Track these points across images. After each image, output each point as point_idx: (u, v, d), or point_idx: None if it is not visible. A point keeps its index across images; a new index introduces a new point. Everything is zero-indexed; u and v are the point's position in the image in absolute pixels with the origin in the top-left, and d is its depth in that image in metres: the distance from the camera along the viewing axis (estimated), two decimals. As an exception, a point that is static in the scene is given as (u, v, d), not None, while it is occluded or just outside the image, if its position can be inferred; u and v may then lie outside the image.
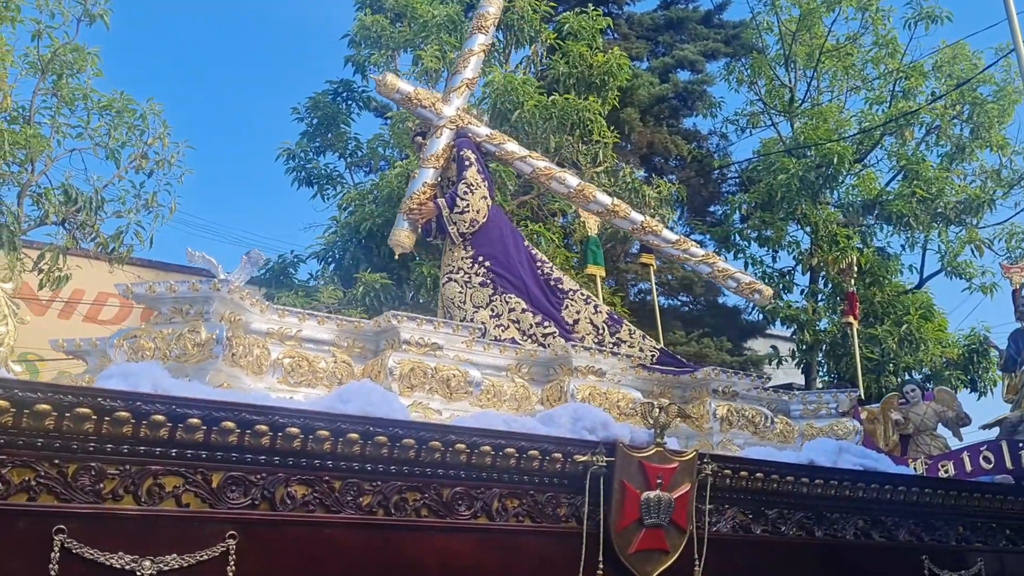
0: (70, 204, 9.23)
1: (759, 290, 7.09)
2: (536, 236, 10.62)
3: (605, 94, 12.02)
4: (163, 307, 3.84)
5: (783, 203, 13.78)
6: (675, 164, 17.37)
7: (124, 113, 9.71)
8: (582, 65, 11.93)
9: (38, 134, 9.16)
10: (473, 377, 4.37)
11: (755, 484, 4.85)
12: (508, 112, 10.70)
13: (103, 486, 2.96)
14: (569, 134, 11.18)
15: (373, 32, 11.59)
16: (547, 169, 6.37)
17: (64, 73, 9.56)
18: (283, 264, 11.67)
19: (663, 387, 5.64)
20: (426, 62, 11.10)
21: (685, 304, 17.54)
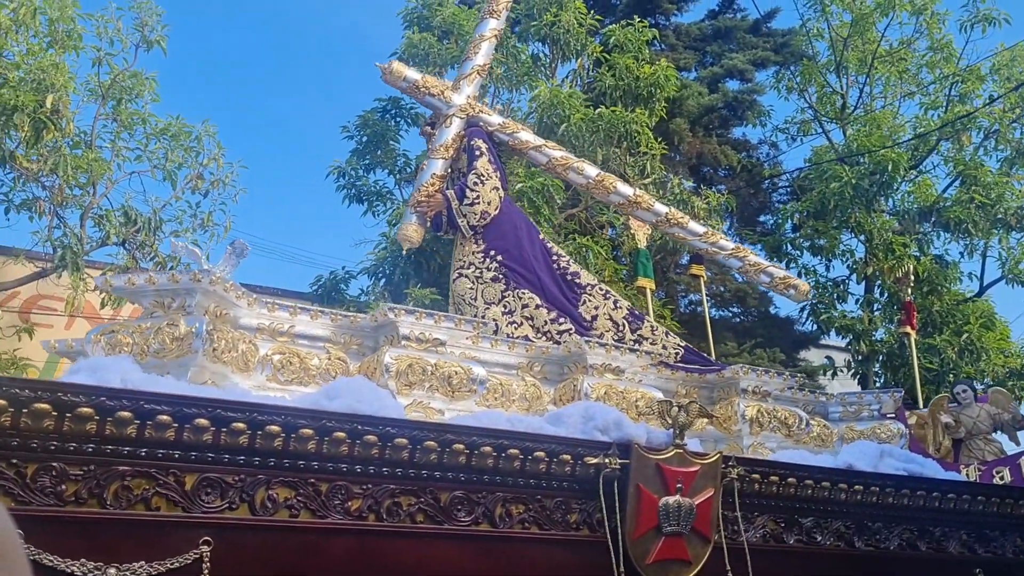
0: (130, 225, 9.74)
1: (794, 285, 6.81)
2: (584, 249, 10.64)
3: (652, 105, 12.10)
4: (145, 301, 3.70)
5: (836, 211, 13.64)
6: (725, 174, 17.36)
7: (180, 136, 10.26)
8: (629, 77, 12.04)
9: (99, 158, 9.65)
10: (477, 375, 4.17)
11: (787, 490, 4.58)
12: (555, 126, 10.82)
13: (65, 488, 2.81)
14: (616, 146, 11.28)
15: (421, 49, 11.76)
16: (563, 159, 6.17)
17: (123, 98, 10.06)
18: (335, 280, 11.88)
19: (688, 386, 5.39)
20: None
21: (737, 315, 17.50)
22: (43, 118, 8.55)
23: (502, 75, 11.71)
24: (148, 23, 10.17)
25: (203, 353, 3.46)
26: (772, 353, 15.69)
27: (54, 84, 8.62)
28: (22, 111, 8.40)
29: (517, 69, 11.87)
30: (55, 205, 9.57)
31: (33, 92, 8.47)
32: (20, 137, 8.70)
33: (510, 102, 12.34)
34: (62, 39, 9.47)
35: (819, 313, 14.17)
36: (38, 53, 9.04)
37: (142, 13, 10.16)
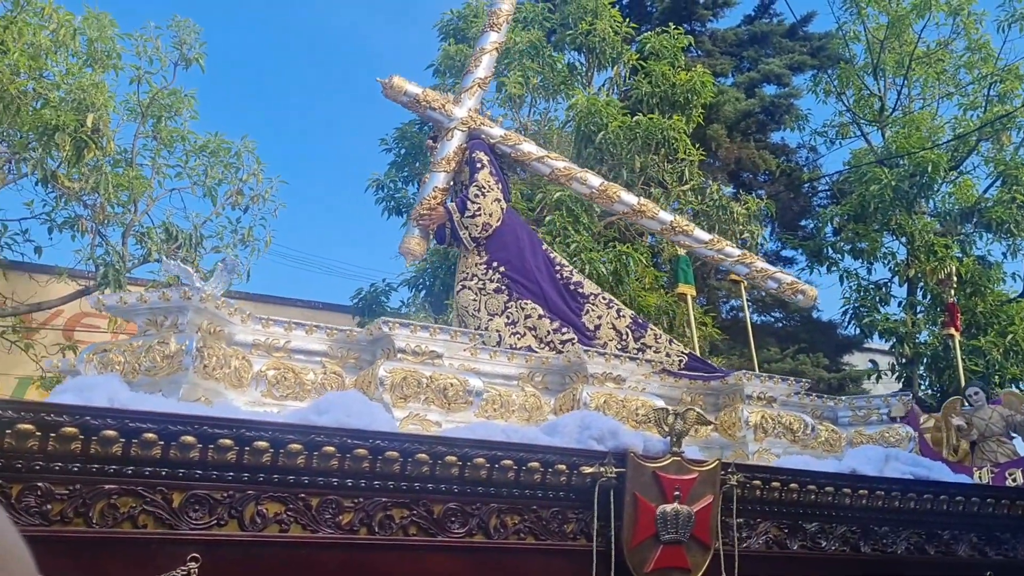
0: (171, 241, 9.90)
1: (802, 291, 6.71)
2: (624, 257, 10.62)
3: (689, 112, 12.14)
4: (138, 319, 3.71)
5: (877, 214, 13.55)
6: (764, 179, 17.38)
7: (219, 152, 10.41)
8: (665, 84, 12.09)
9: (140, 176, 9.83)
10: (473, 386, 4.14)
11: (789, 496, 4.50)
12: (592, 134, 10.88)
13: (51, 508, 2.80)
14: (654, 153, 11.29)
15: (457, 61, 11.82)
16: (566, 169, 6.13)
17: (163, 116, 10.21)
18: (375, 293, 12.00)
19: (692, 393, 5.33)
20: (509, 88, 11.39)
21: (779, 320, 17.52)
22: (84, 137, 8.64)
23: (539, 85, 11.76)
24: (186, 41, 10.30)
25: (194, 370, 3.46)
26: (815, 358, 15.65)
27: (94, 103, 8.72)
28: (63, 130, 8.48)
29: (553, 78, 11.92)
30: (97, 223, 9.68)
31: (74, 111, 8.56)
32: (62, 156, 8.78)
33: (547, 111, 12.47)
34: (101, 59, 9.61)
35: (862, 317, 14.05)
36: (78, 73, 9.15)
37: (180, 32, 10.28)
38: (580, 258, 10.03)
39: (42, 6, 9.11)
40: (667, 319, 11.02)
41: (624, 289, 10.55)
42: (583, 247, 10.20)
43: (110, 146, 9.26)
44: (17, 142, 9.05)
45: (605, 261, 10.41)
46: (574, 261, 9.97)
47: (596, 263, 10.13)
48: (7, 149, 9.20)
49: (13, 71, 8.57)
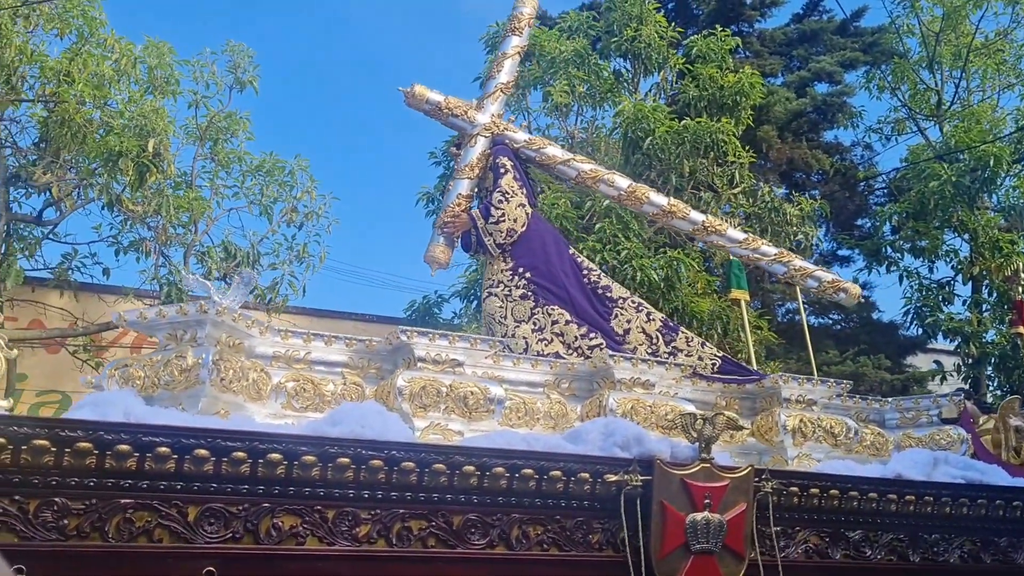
0: (230, 260, 10.25)
1: (844, 288, 6.58)
2: (675, 263, 10.64)
3: (738, 114, 12.10)
4: (159, 334, 3.79)
5: (937, 211, 13.28)
6: (817, 179, 17.26)
7: (274, 171, 10.79)
8: (713, 87, 12.06)
9: (199, 197, 10.22)
10: (495, 394, 4.14)
11: (830, 503, 4.42)
12: (640, 140, 10.93)
13: (67, 523, 2.88)
14: (703, 157, 11.29)
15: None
16: (592, 172, 6.11)
17: (220, 138, 10.66)
18: (427, 304, 12.19)
19: (727, 397, 5.26)
20: (555, 97, 11.52)
21: (837, 322, 17.33)
22: (146, 162, 9.00)
23: (585, 93, 11.88)
24: (240, 65, 10.70)
25: (211, 383, 3.52)
26: (876, 360, 15.40)
27: (155, 129, 9.07)
28: (126, 156, 8.86)
29: (599, 86, 12.00)
30: (160, 244, 10.09)
31: (136, 138, 8.93)
32: (126, 181, 9.18)
33: (594, 119, 12.54)
34: (161, 85, 10.02)
35: (924, 317, 13.72)
36: (139, 100, 9.54)
37: (234, 56, 10.70)
38: (631, 265, 10.04)
39: (105, 37, 9.59)
40: (721, 325, 10.93)
41: (676, 295, 10.51)
42: (634, 254, 10.20)
43: (171, 169, 9.67)
44: (84, 169, 9.55)
45: (656, 267, 10.41)
46: (624, 268, 10.01)
47: (647, 270, 10.12)
48: (75, 176, 9.69)
49: (79, 101, 9.02)
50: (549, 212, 10.35)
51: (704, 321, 10.73)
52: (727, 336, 10.98)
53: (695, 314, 10.68)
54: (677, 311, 10.45)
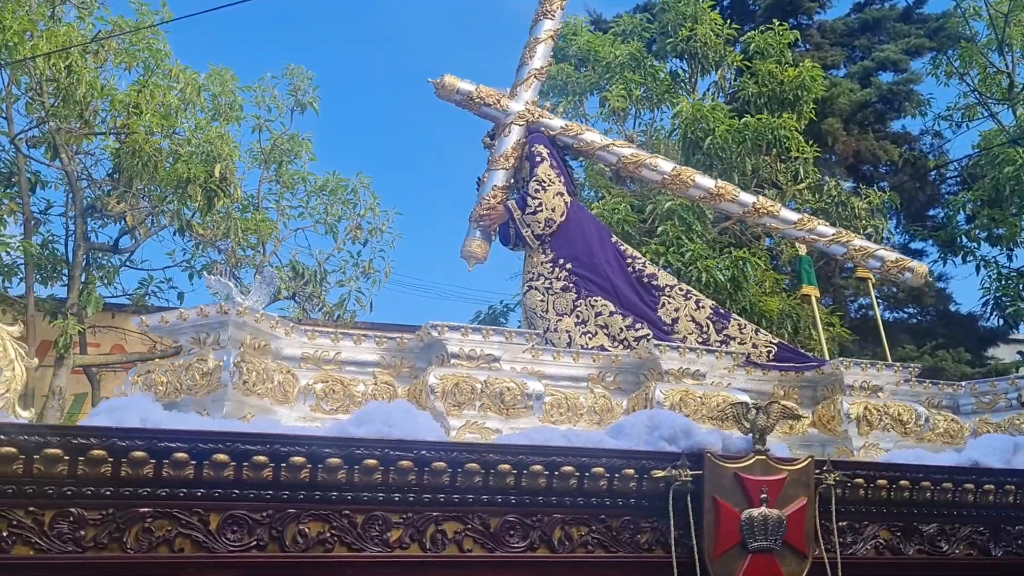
0: (298, 279, 10.71)
1: (909, 268, 6.29)
2: (742, 262, 10.58)
3: (800, 108, 12.03)
4: (183, 338, 3.73)
5: (1014, 197, 12.88)
6: (886, 170, 17.01)
7: (338, 190, 11.25)
8: (772, 82, 12.01)
9: (266, 219, 10.67)
10: (533, 390, 3.99)
11: (900, 494, 4.16)
12: (700, 140, 10.93)
13: (84, 533, 2.81)
14: (766, 154, 11.24)
15: (559, 80, 12.15)
16: (633, 156, 5.94)
17: (283, 160, 11.12)
18: (493, 314, 12.46)
19: (785, 386, 5.03)
20: (612, 102, 11.62)
21: (913, 316, 17.04)
22: (213, 187, 9.35)
23: (642, 96, 11.94)
24: (300, 87, 11.15)
25: (233, 386, 3.44)
26: (956, 353, 15.07)
27: (221, 154, 9.42)
28: (195, 183, 9.21)
29: (656, 88, 12.04)
30: (231, 267, 10.46)
31: (203, 164, 9.27)
32: (195, 207, 9.56)
33: (652, 121, 12.60)
34: (225, 111, 10.44)
35: (1004, 307, 13.26)
36: (205, 127, 9.91)
37: (294, 79, 11.16)
38: (696, 266, 10.00)
39: (170, 68, 10.02)
40: (791, 323, 10.82)
41: (743, 295, 10.45)
42: (698, 255, 10.18)
43: (237, 193, 10.05)
44: (156, 197, 9.99)
45: (722, 268, 10.37)
46: (689, 270, 9.98)
47: (712, 271, 10.08)
48: (147, 204, 10.15)
49: (148, 131, 9.40)
50: (610, 217, 10.38)
51: (774, 320, 10.62)
52: (798, 334, 10.86)
53: (764, 313, 10.59)
54: (745, 311, 10.36)
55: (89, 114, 9.55)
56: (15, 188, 9.81)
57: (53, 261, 10.02)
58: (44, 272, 9.94)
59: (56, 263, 10.03)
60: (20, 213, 9.61)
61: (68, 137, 9.59)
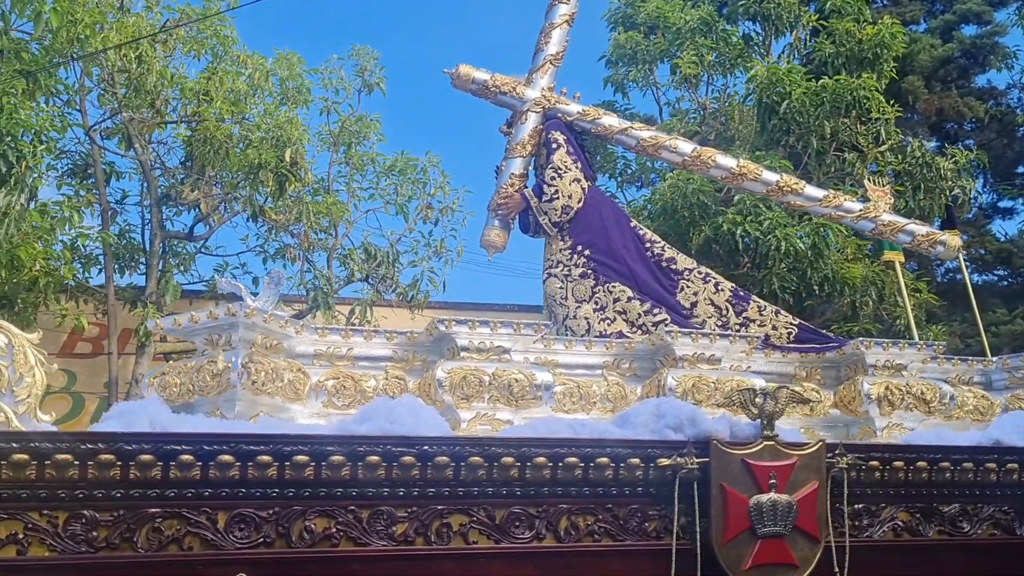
0: (371, 260, 10.78)
1: (940, 241, 6.15)
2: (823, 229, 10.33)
3: (880, 67, 11.68)
4: (197, 339, 3.84)
5: None
6: (971, 128, 16.59)
7: (407, 170, 11.30)
8: (850, 42, 11.69)
9: (337, 201, 10.77)
10: (541, 380, 4.02)
11: (919, 476, 4.11)
12: (775, 104, 10.71)
13: (96, 534, 2.94)
14: (845, 116, 10.96)
15: (628, 49, 12.06)
16: (653, 139, 5.89)
17: (352, 142, 11.19)
18: None
19: (807, 367, 4.98)
20: (683, 69, 11.45)
21: (1004, 279, 16.62)
22: (284, 172, 9.44)
23: (714, 61, 11.73)
24: (367, 68, 11.20)
25: (242, 386, 3.54)
26: None
27: (290, 139, 9.49)
28: (266, 168, 9.33)
29: (729, 53, 11.79)
30: (304, 251, 10.63)
31: (273, 149, 9.38)
32: (267, 192, 9.69)
33: (725, 87, 12.37)
34: (293, 95, 10.57)
35: None
36: (274, 112, 10.03)
37: (361, 59, 11.19)
38: (775, 235, 9.82)
39: (238, 54, 10.11)
40: (875, 290, 10.61)
41: (824, 263, 10.22)
42: (777, 224, 9.95)
43: (308, 177, 10.08)
44: (228, 183, 10.13)
45: (802, 236, 10.17)
46: (768, 239, 9.82)
47: (792, 239, 9.87)
48: (220, 191, 10.29)
49: (219, 118, 9.54)
50: (685, 187, 10.26)
51: (857, 288, 10.41)
52: (883, 302, 10.68)
53: (847, 281, 10.39)
54: (827, 279, 10.21)
55: (160, 103, 9.69)
56: (91, 179, 9.96)
57: (131, 250, 10.20)
58: (122, 261, 10.11)
59: (134, 252, 10.22)
60: (97, 204, 9.76)
61: (140, 127, 9.71)
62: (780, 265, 9.97)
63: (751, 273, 10.17)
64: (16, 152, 7.22)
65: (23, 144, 7.33)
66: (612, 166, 12.23)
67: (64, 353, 10.67)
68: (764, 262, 10.04)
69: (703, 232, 10.12)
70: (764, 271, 10.07)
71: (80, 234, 9.03)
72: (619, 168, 12.29)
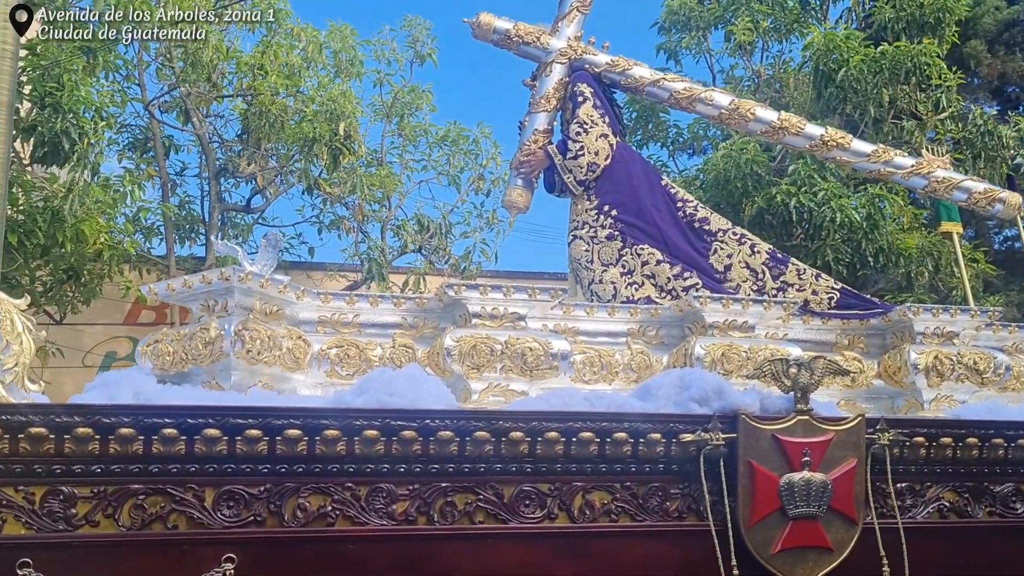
0: (424, 232, 10.95)
1: (1000, 199, 5.78)
2: (878, 200, 10.25)
3: (942, 32, 11.35)
4: (194, 305, 3.68)
5: None
6: None
7: (459, 141, 11.43)
8: (911, 6, 11.34)
9: (390, 173, 10.93)
10: (557, 349, 3.79)
11: (968, 453, 3.83)
12: (832, 72, 10.52)
13: (76, 511, 2.80)
14: (904, 83, 10.73)
15: (681, 16, 11.95)
16: (687, 90, 5.57)
17: (405, 114, 11.33)
18: None
19: (849, 335, 4.68)
20: (738, 36, 11.26)
21: None
22: (338, 145, 9.52)
23: (769, 27, 11.51)
24: (419, 39, 11.26)
25: (236, 355, 3.36)
26: None
27: (344, 112, 9.58)
28: (320, 141, 9.42)
29: (785, 18, 11.56)
30: (358, 222, 10.84)
31: (327, 122, 9.48)
32: (321, 165, 9.81)
33: (780, 53, 12.15)
34: (346, 68, 10.68)
35: None
36: (327, 85, 10.15)
37: (413, 30, 11.28)
38: (830, 206, 9.71)
39: (292, 27, 10.19)
40: (931, 261, 10.45)
41: (880, 234, 10.09)
42: (832, 194, 9.85)
43: (361, 149, 10.18)
44: (283, 156, 10.30)
45: (857, 206, 10.04)
46: (823, 210, 9.71)
47: (847, 210, 9.75)
48: (276, 164, 10.46)
49: (273, 92, 9.64)
50: (738, 157, 10.11)
51: (913, 258, 10.28)
52: (939, 272, 10.50)
53: (903, 252, 10.25)
54: (883, 250, 10.08)
55: (216, 76, 9.81)
56: (151, 153, 10.18)
57: (190, 221, 10.44)
58: (182, 232, 10.38)
59: (193, 223, 10.45)
60: (157, 177, 9.96)
61: (198, 101, 9.88)
62: (834, 236, 9.83)
63: (804, 244, 10.02)
64: (78, 128, 7.37)
65: (84, 120, 7.46)
66: (664, 134, 12.08)
67: (128, 322, 11.07)
68: (818, 233, 9.89)
69: (756, 203, 9.99)
70: (818, 242, 9.92)
71: (142, 207, 9.23)
72: (671, 136, 12.13)
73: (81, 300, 8.52)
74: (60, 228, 7.33)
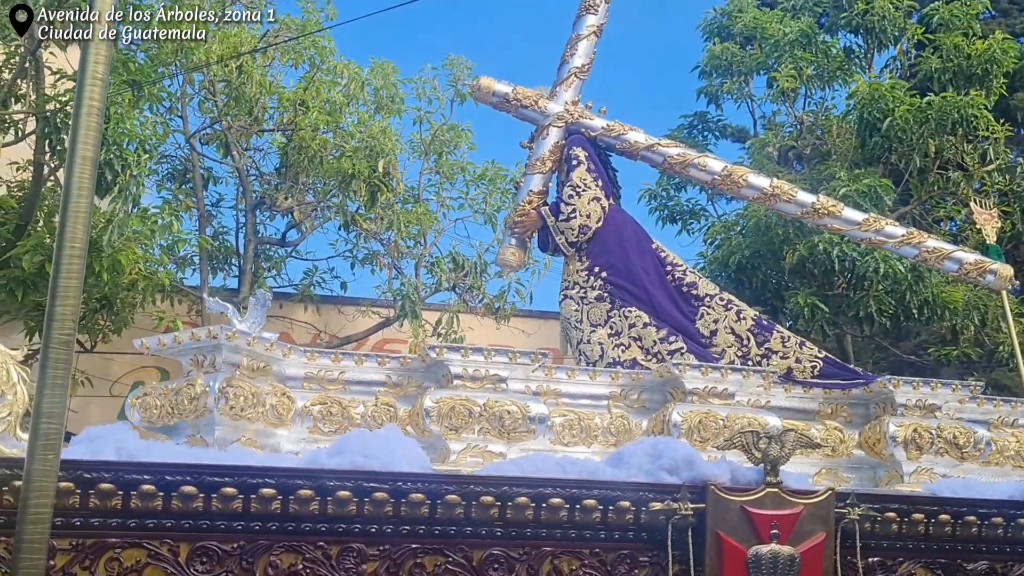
0: (458, 270, 10.80)
1: (991, 270, 5.85)
2: None
3: (989, 83, 11.26)
4: (183, 360, 3.82)
5: None
6: None
7: (496, 179, 11.29)
8: (958, 57, 11.31)
9: (427, 210, 10.93)
10: (536, 412, 3.90)
11: (940, 530, 3.89)
12: (877, 121, 10.51)
13: (54, 563, 2.91)
14: (950, 134, 10.67)
15: (723, 60, 12.00)
16: (680, 156, 5.72)
17: (443, 151, 11.33)
18: None
19: (832, 404, 4.76)
20: (781, 82, 11.32)
21: None
22: (376, 182, 9.66)
23: (812, 74, 11.54)
24: (460, 78, 11.21)
25: (219, 411, 3.49)
26: None
27: (383, 149, 9.71)
28: (358, 178, 9.56)
29: (829, 65, 11.58)
30: (392, 258, 10.82)
31: (366, 159, 9.61)
32: (359, 201, 9.97)
33: (823, 100, 12.16)
34: (387, 105, 10.72)
35: None
36: (368, 121, 10.25)
37: (454, 69, 11.27)
38: (873, 256, 9.56)
39: (335, 64, 10.33)
40: (978, 315, 10.28)
41: (924, 287, 9.95)
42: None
43: (399, 187, 10.30)
44: (321, 191, 10.44)
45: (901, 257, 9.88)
46: (866, 260, 9.60)
47: (891, 260, 9.56)
48: (313, 198, 10.58)
49: (314, 127, 9.77)
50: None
51: (959, 312, 10.10)
52: (985, 327, 10.33)
53: (947, 305, 10.09)
54: (927, 303, 9.95)
55: (258, 111, 9.93)
56: (190, 184, 10.28)
57: (225, 252, 10.47)
58: (216, 263, 10.41)
59: (227, 254, 10.48)
60: (195, 209, 10.06)
61: (239, 134, 10.00)
62: (877, 287, 9.73)
63: (847, 294, 9.93)
64: (121, 160, 7.46)
65: (128, 153, 7.57)
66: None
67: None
68: (861, 283, 9.79)
69: (798, 251, 9.87)
70: (860, 293, 9.83)
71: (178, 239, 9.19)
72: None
73: (112, 329, 8.59)
74: (97, 258, 7.35)
